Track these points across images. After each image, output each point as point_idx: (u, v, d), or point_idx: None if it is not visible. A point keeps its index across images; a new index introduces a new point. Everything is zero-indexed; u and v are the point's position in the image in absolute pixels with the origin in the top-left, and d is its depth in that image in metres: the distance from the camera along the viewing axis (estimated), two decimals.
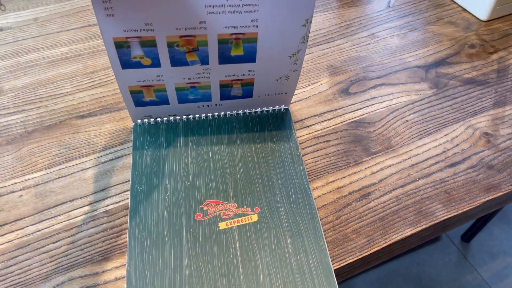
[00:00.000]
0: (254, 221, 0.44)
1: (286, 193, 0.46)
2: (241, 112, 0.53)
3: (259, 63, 0.46)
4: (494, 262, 1.19)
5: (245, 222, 0.44)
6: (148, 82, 0.45)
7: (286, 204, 0.46)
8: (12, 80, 0.59)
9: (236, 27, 0.41)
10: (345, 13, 0.71)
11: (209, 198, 0.46)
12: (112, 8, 0.37)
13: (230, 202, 0.45)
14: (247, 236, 0.43)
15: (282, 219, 0.44)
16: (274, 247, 0.43)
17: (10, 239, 0.44)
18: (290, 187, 0.47)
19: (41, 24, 0.68)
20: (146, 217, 0.44)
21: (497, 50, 0.65)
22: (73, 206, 0.46)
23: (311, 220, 0.44)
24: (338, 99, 0.58)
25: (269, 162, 0.49)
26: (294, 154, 0.50)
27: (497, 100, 0.58)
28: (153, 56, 0.43)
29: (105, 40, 0.39)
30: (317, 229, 0.44)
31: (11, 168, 0.50)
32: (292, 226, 0.44)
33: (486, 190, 0.48)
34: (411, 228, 0.45)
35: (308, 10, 0.41)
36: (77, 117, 0.55)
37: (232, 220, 0.44)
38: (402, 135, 0.53)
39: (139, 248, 0.42)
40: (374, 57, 0.63)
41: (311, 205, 0.46)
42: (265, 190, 0.47)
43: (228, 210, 0.45)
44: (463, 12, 0.71)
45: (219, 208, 0.45)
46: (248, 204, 0.45)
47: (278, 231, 0.44)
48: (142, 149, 0.50)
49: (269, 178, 0.48)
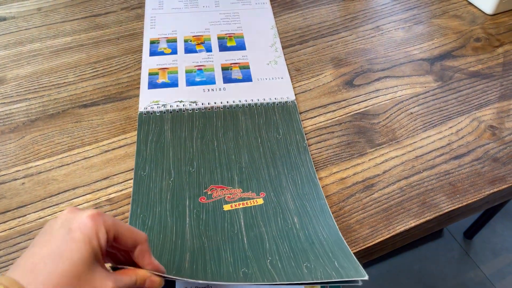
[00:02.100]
0: (259, 204, 0.44)
1: (292, 181, 0.46)
2: (247, 103, 0.53)
3: (249, 51, 0.62)
4: (497, 259, 1.19)
5: (250, 205, 0.44)
6: (165, 66, 0.59)
7: (293, 190, 0.46)
8: (15, 69, 0.59)
9: (228, 31, 0.65)
10: (350, 6, 0.70)
11: (214, 184, 0.46)
12: (155, 25, 0.65)
13: (235, 188, 0.45)
14: (252, 215, 0.43)
15: (288, 202, 0.44)
16: (281, 224, 0.42)
17: (12, 226, 0.44)
18: (296, 175, 0.47)
19: (45, 14, 0.68)
20: (149, 199, 0.44)
21: (502, 44, 0.64)
22: (76, 194, 0.46)
23: (318, 204, 0.44)
24: (343, 91, 0.57)
25: (274, 152, 0.49)
26: (300, 145, 0.50)
27: (503, 93, 0.57)
28: (173, 48, 0.62)
29: (145, 41, 0.63)
30: (326, 211, 0.44)
31: (13, 156, 0.49)
32: (299, 209, 0.44)
33: (491, 183, 0.48)
34: (415, 219, 0.45)
35: (271, 21, 0.67)
36: (80, 107, 0.55)
37: (237, 202, 0.44)
38: (406, 127, 0.53)
39: (140, 226, 0.42)
40: (379, 49, 0.63)
41: (319, 193, 0.45)
42: (270, 178, 0.46)
43: (233, 194, 0.45)
44: (469, 6, 0.70)
45: (224, 193, 0.45)
46: (254, 189, 0.45)
47: (285, 212, 0.43)
48: (146, 136, 0.50)
49: (275, 166, 0.47)
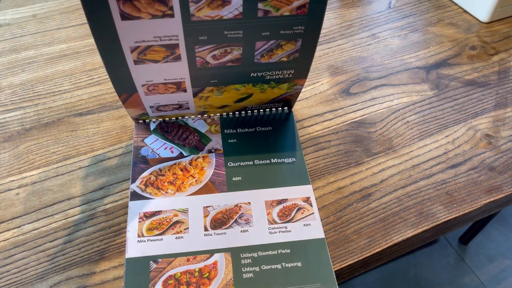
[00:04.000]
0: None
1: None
2: (244, 112, 0.53)
3: None
4: (492, 264, 1.19)
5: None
6: None
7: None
8: (9, 77, 0.59)
9: None
10: (346, 14, 0.71)
11: None
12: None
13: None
14: None
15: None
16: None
17: (7, 238, 0.43)
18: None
19: (40, 20, 0.67)
20: None
21: (498, 52, 0.65)
22: (71, 204, 0.46)
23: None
24: (339, 99, 0.57)
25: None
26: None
27: (498, 101, 0.58)
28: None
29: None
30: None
31: (8, 165, 0.49)
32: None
33: (487, 192, 0.48)
34: (412, 229, 0.45)
35: None
36: (75, 115, 0.54)
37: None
38: (403, 136, 0.53)
39: None
40: (375, 57, 0.63)
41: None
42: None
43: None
44: (464, 14, 0.71)
45: None
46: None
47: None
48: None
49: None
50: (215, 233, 0.43)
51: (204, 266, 0.41)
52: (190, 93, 0.47)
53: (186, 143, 0.50)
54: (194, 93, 0.47)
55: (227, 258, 0.41)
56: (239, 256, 0.42)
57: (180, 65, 0.42)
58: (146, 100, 0.47)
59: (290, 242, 0.43)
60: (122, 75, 0.42)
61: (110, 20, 0.36)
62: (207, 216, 0.44)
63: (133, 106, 0.48)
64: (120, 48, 0.39)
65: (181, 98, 0.48)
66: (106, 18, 0.36)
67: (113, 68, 0.41)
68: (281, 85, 0.48)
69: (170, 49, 0.40)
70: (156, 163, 0.48)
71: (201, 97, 0.48)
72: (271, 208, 0.45)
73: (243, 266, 0.41)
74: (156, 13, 0.37)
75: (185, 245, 0.42)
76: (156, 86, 0.45)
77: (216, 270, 0.41)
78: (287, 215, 0.45)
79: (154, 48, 0.40)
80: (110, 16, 0.36)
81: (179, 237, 0.43)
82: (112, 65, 0.41)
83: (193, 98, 0.48)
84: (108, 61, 0.40)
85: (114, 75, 0.42)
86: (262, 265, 0.41)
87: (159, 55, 0.41)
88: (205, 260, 0.41)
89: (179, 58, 0.42)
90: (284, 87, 0.48)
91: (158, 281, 0.40)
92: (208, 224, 0.44)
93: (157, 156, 0.49)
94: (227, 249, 0.42)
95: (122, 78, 0.42)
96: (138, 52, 0.40)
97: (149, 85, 0.44)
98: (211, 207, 0.45)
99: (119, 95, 0.45)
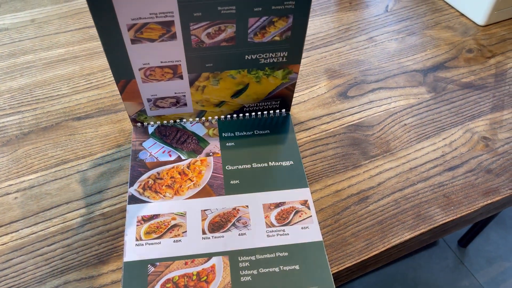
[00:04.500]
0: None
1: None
2: (241, 115, 0.53)
3: None
4: (491, 267, 1.19)
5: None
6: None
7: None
8: (8, 82, 0.59)
9: None
10: (343, 17, 0.71)
11: None
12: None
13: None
14: None
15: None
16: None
17: (5, 242, 0.43)
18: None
19: (38, 25, 0.68)
20: None
21: (494, 55, 0.65)
22: (69, 208, 0.46)
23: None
24: (337, 103, 0.57)
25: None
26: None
27: (495, 104, 0.58)
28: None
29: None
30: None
31: (6, 169, 0.49)
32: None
33: (484, 194, 0.48)
34: (410, 232, 0.45)
35: None
36: (74, 119, 0.54)
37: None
38: (400, 139, 0.53)
39: None
40: (372, 60, 0.63)
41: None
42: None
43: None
44: (461, 17, 0.71)
45: None
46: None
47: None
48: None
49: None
50: (213, 236, 0.43)
51: (202, 270, 0.41)
52: (186, 81, 0.47)
53: (184, 146, 0.50)
54: (191, 81, 0.47)
55: (225, 261, 0.41)
56: (237, 259, 0.42)
57: (176, 44, 0.43)
58: (143, 88, 0.47)
59: (288, 245, 0.43)
60: (120, 57, 0.43)
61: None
62: (205, 219, 0.44)
63: (131, 98, 0.48)
64: (118, 26, 0.40)
65: (178, 88, 0.48)
66: None
67: (111, 49, 0.42)
68: (276, 72, 0.48)
69: (165, 27, 0.41)
70: (154, 166, 0.48)
71: (198, 87, 0.48)
72: (269, 211, 0.45)
73: (241, 270, 0.41)
74: None
75: (183, 248, 0.42)
76: (153, 71, 0.45)
77: (214, 273, 0.41)
78: (285, 218, 0.45)
79: (150, 25, 0.41)
80: None
81: (177, 241, 0.43)
82: (110, 46, 0.42)
83: (190, 88, 0.48)
84: (106, 42, 0.41)
85: (113, 57, 0.43)
86: (260, 268, 0.41)
87: (155, 33, 0.42)
88: (203, 264, 0.41)
89: (174, 37, 0.42)
90: (279, 75, 0.49)
91: (156, 284, 0.40)
92: (206, 228, 0.44)
93: (155, 159, 0.49)
94: (225, 253, 0.42)
95: (120, 60, 0.43)
96: (135, 30, 0.41)
97: (145, 69, 0.45)
98: (209, 210, 0.45)
99: (117, 82, 0.46)
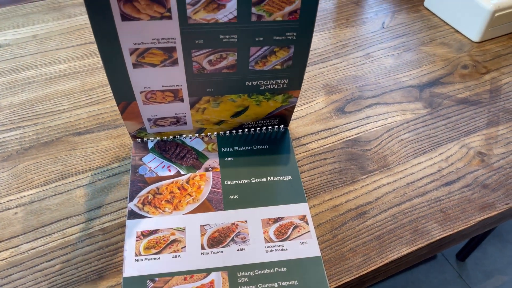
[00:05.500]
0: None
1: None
2: (240, 131, 0.54)
3: None
4: (489, 280, 1.19)
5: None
6: None
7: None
8: (9, 97, 0.60)
9: None
10: (340, 33, 0.72)
11: None
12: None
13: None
14: None
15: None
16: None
17: (4, 257, 0.43)
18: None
19: (40, 41, 0.68)
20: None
21: (489, 71, 0.66)
22: (69, 223, 0.46)
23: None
24: (334, 118, 0.58)
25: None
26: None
27: (490, 119, 0.59)
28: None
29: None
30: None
31: (6, 185, 0.49)
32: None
33: (481, 209, 0.49)
34: (407, 246, 0.45)
35: None
36: (74, 134, 0.55)
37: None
38: (397, 154, 0.54)
39: None
40: (369, 76, 0.64)
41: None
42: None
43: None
44: (456, 34, 0.72)
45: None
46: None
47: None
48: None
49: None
50: (212, 251, 0.43)
51: (201, 285, 0.41)
52: (187, 103, 0.48)
53: (184, 161, 0.51)
54: (191, 104, 0.48)
55: (224, 276, 0.42)
56: (236, 274, 0.42)
57: (177, 70, 0.44)
58: (144, 110, 0.47)
59: (287, 260, 0.43)
60: (122, 80, 0.43)
61: (111, 21, 0.38)
62: (204, 234, 0.45)
63: (131, 118, 0.48)
64: (120, 50, 0.40)
65: (178, 110, 0.48)
66: (108, 19, 0.37)
67: (113, 72, 0.43)
68: (276, 96, 0.49)
69: (167, 52, 0.42)
70: (154, 181, 0.49)
71: (198, 109, 0.49)
72: (267, 226, 0.45)
73: (240, 285, 0.41)
74: (155, 14, 0.38)
75: (182, 264, 0.42)
76: (154, 94, 0.46)
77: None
78: (283, 233, 0.45)
79: (152, 50, 0.41)
80: (111, 17, 0.37)
81: (176, 256, 0.43)
82: (112, 69, 0.42)
83: (190, 109, 0.49)
84: (108, 65, 0.42)
85: (114, 80, 0.43)
86: (259, 284, 0.41)
87: (157, 59, 0.42)
88: (202, 279, 0.41)
89: (176, 63, 0.43)
90: (279, 99, 0.49)
91: None
92: (205, 243, 0.44)
93: (155, 174, 0.49)
94: (224, 268, 0.42)
95: (121, 83, 0.44)
96: (137, 54, 0.41)
97: (147, 93, 0.45)
98: (208, 225, 0.45)
99: (118, 103, 0.46)
